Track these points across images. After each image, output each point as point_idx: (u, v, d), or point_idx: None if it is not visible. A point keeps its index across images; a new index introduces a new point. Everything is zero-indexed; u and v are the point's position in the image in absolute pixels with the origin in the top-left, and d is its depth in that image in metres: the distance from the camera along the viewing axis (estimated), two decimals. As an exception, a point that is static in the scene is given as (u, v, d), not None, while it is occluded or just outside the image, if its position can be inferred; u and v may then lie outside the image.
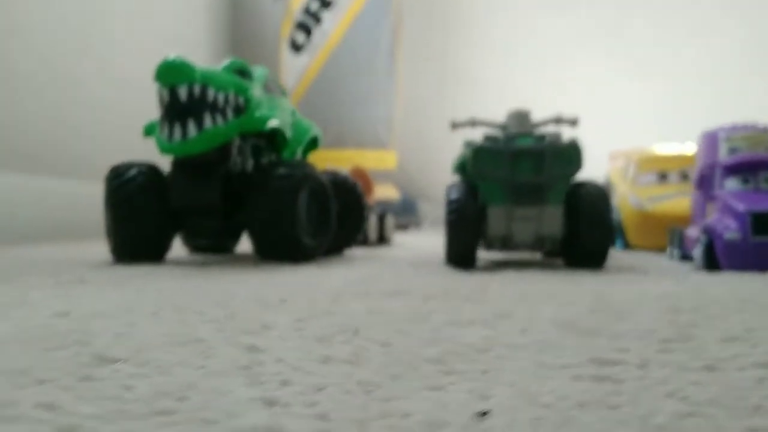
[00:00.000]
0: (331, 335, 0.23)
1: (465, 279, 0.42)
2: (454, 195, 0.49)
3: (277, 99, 0.58)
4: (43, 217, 0.89)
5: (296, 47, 1.55)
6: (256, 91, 0.54)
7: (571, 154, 0.50)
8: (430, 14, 1.81)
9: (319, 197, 0.55)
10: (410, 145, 1.75)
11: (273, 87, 0.59)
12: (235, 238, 0.53)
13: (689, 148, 0.77)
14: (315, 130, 0.66)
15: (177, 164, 0.52)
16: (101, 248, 0.56)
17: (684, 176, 0.79)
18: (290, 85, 1.55)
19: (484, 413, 0.14)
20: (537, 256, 0.64)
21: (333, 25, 1.54)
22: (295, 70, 1.55)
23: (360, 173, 0.87)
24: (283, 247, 0.51)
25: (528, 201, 0.49)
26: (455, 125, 0.57)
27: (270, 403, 0.15)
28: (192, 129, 0.48)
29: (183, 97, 0.48)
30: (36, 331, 0.22)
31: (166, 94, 0.48)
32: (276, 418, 0.13)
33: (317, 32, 1.54)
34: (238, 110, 0.51)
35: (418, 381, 0.17)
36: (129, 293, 0.33)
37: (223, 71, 0.52)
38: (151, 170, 0.52)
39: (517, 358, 0.20)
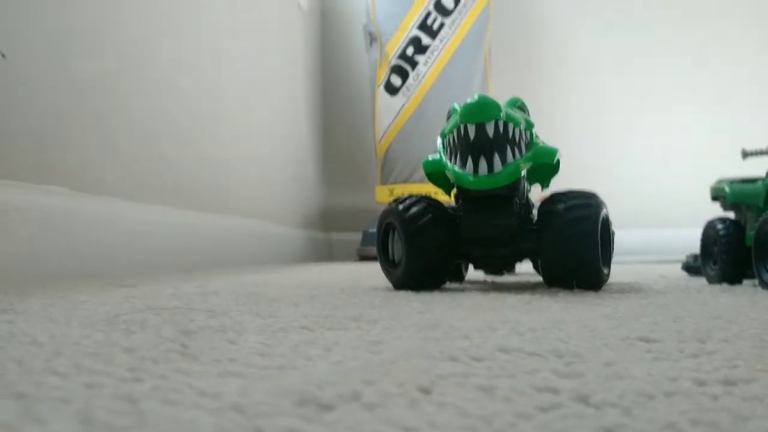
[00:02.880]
0: None
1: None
2: None
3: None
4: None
5: (392, 89, 1.57)
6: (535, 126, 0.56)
7: None
8: (516, 55, 1.81)
9: (603, 225, 0.54)
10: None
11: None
12: (512, 264, 0.55)
13: None
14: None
15: (470, 197, 0.53)
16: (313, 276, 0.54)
17: None
18: (386, 124, 1.57)
19: None
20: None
21: (428, 68, 1.55)
22: (390, 110, 1.57)
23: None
24: (583, 275, 0.51)
25: None
26: (747, 154, 0.56)
27: None
28: (497, 163, 0.50)
29: (491, 133, 0.50)
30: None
31: (472, 130, 0.50)
32: None
33: (412, 75, 1.56)
34: (527, 144, 0.52)
35: None
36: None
37: (512, 107, 0.53)
38: (436, 202, 0.54)
39: None
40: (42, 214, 0.60)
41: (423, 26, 1.54)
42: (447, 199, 0.59)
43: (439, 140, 0.56)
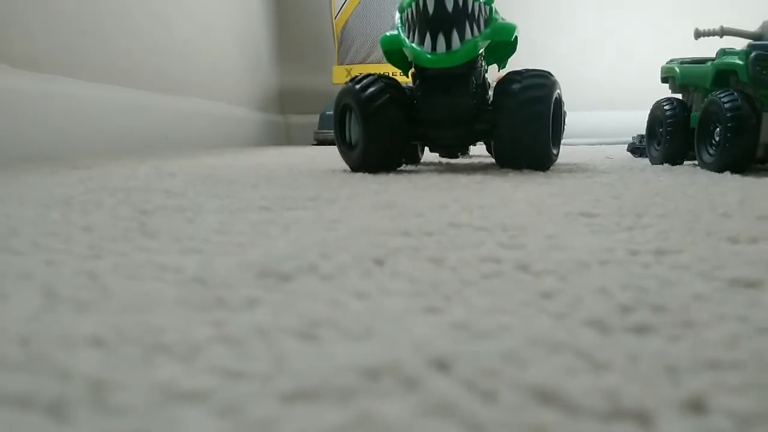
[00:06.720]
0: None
1: None
2: (731, 102, 0.49)
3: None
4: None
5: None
6: None
7: None
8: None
9: (556, 106, 0.54)
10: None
11: None
12: (467, 146, 0.55)
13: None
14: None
15: (427, 76, 0.52)
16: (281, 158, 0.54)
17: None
18: (339, 6, 1.51)
19: None
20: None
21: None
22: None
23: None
24: (534, 156, 0.51)
25: None
26: (700, 34, 0.56)
27: None
28: (456, 40, 0.49)
29: (450, 7, 0.48)
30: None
31: (431, 4, 0.48)
32: None
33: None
34: (486, 21, 0.51)
35: None
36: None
37: None
38: (393, 82, 0.53)
39: None
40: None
41: None
42: (405, 80, 0.58)
43: (397, 15, 0.54)
